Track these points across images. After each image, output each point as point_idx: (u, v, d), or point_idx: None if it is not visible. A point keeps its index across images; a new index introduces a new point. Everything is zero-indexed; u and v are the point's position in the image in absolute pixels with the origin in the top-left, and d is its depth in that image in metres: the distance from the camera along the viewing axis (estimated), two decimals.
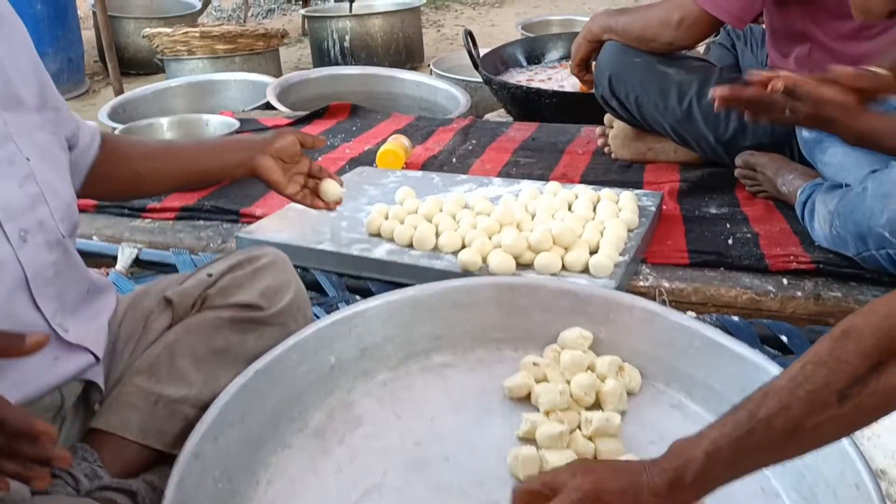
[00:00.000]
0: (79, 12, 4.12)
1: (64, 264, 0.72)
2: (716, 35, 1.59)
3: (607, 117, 1.71)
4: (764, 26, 1.58)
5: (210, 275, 0.89)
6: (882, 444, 0.84)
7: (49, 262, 0.70)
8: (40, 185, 0.69)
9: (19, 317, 0.66)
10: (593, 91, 1.66)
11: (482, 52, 2.54)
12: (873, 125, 1.02)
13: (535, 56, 2.66)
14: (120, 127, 1.69)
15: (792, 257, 1.17)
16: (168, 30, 3.34)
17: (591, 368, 0.93)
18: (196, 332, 0.84)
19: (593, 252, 1.15)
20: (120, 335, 0.83)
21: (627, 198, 1.29)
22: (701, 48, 2.02)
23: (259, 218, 1.36)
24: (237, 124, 1.60)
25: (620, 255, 1.14)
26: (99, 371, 0.77)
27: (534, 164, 1.71)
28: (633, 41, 1.52)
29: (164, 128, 1.64)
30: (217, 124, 1.63)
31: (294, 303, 0.91)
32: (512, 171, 1.67)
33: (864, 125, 1.02)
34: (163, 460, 0.77)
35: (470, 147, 1.85)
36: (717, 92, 1.06)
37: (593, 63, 1.62)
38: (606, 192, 1.32)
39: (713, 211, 1.40)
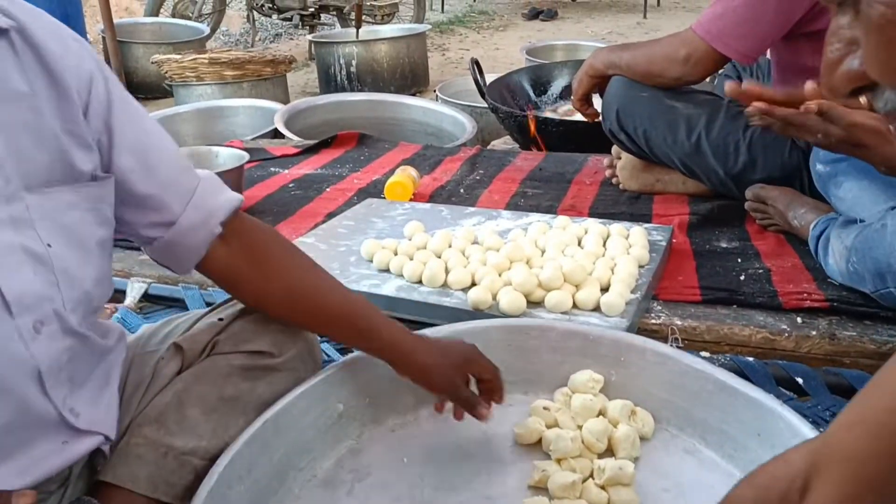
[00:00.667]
0: (88, 37, 4.17)
1: (79, 347, 0.69)
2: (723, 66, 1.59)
3: (615, 148, 1.71)
4: (769, 58, 1.58)
5: (221, 319, 0.88)
6: None
7: (63, 349, 0.66)
8: (57, 273, 0.64)
9: (29, 405, 0.63)
10: (598, 120, 1.66)
11: (488, 77, 2.55)
12: None
13: (541, 83, 2.67)
14: None
15: (805, 294, 1.16)
16: (177, 56, 3.37)
17: (602, 413, 0.92)
18: (206, 379, 0.82)
19: (604, 289, 1.13)
20: (128, 381, 0.82)
21: (638, 233, 1.28)
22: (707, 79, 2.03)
23: None
24: (247, 156, 1.60)
25: (632, 292, 1.13)
26: (107, 445, 0.75)
27: (541, 195, 1.70)
28: (638, 77, 1.52)
29: None
30: (227, 157, 1.63)
31: (305, 348, 0.90)
32: (520, 202, 1.66)
33: None
34: None
35: (477, 177, 1.85)
36: (755, 107, 1.07)
37: (594, 96, 1.62)
38: (616, 228, 1.31)
39: (724, 245, 1.38)
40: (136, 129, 0.72)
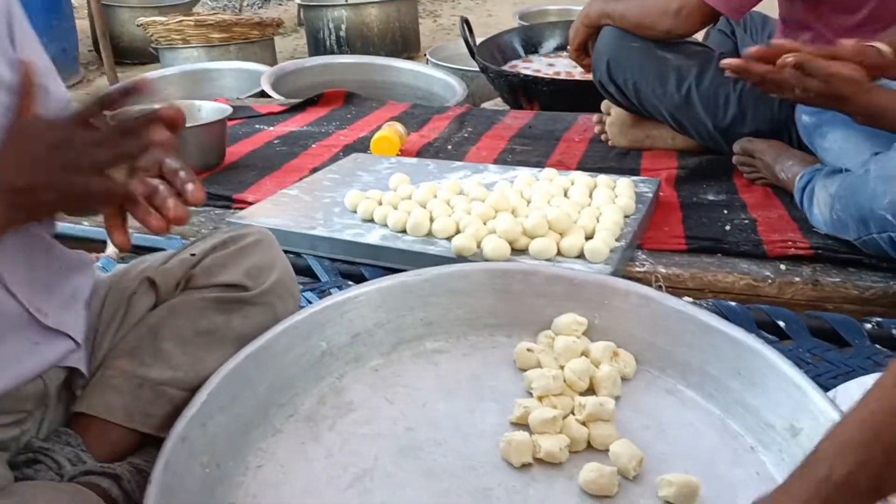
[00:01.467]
0: (73, 1, 4.10)
1: (27, 237, 0.69)
2: (715, 21, 1.57)
3: (604, 104, 1.69)
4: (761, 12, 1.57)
5: (193, 255, 0.88)
6: None
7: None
8: None
9: None
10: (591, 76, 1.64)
11: (479, 41, 2.52)
12: (885, 101, 1.01)
13: (532, 44, 2.64)
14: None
15: (790, 243, 1.16)
16: (163, 18, 3.31)
17: (585, 354, 0.92)
18: (180, 313, 0.82)
19: (589, 238, 1.13)
20: (102, 318, 0.81)
21: (624, 184, 1.28)
22: (700, 34, 2.01)
23: (251, 204, 1.34)
24: (230, 110, 1.58)
25: (616, 240, 1.13)
26: (81, 356, 0.75)
27: (530, 151, 1.69)
28: (630, 28, 1.50)
29: None
30: (210, 110, 1.61)
31: (280, 282, 0.90)
32: (508, 158, 1.65)
33: (876, 101, 1.01)
34: (148, 443, 0.76)
35: (465, 135, 1.83)
36: (728, 63, 1.06)
37: (591, 47, 1.60)
38: (603, 179, 1.31)
39: (711, 198, 1.38)
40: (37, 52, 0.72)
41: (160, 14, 3.82)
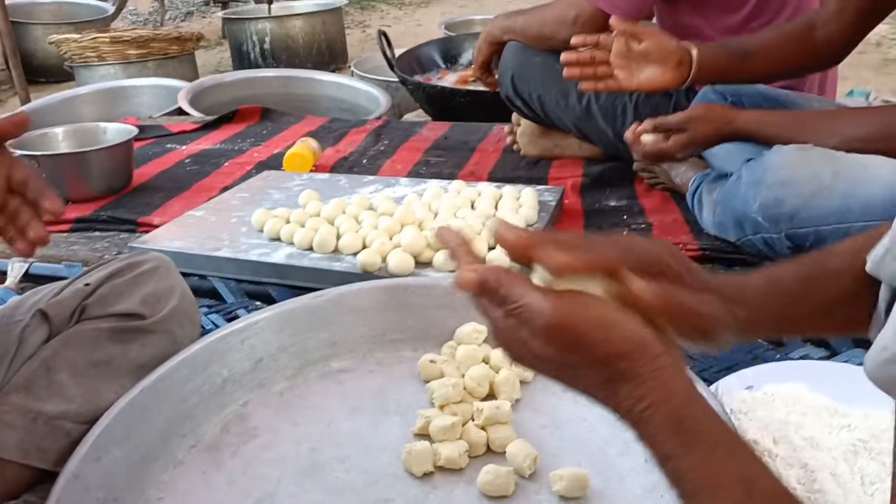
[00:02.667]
0: None
1: None
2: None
3: (514, 115, 1.74)
4: (655, 22, 1.63)
5: (88, 284, 0.87)
6: (758, 417, 0.89)
7: None
8: None
9: None
10: (499, 91, 1.68)
11: (404, 51, 2.54)
12: (748, 125, 1.14)
13: (451, 55, 2.67)
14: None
15: (681, 245, 1.22)
16: (76, 36, 3.23)
17: (486, 361, 0.95)
18: (74, 344, 0.81)
19: (492, 248, 1.16)
20: None
21: (528, 194, 1.31)
22: None
23: (157, 227, 1.33)
24: (135, 131, 1.56)
25: None
26: None
27: (444, 162, 1.72)
28: (532, 40, 1.55)
29: (60, 137, 1.58)
30: (115, 132, 1.58)
31: (179, 308, 0.90)
32: (422, 170, 1.68)
33: (740, 126, 1.14)
34: (46, 479, 0.75)
35: (382, 148, 1.85)
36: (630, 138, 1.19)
37: (495, 65, 1.64)
38: (508, 190, 1.34)
39: (612, 204, 1.44)
40: None
41: (75, 30, 3.71)
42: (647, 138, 1.16)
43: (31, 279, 1.25)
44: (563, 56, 1.25)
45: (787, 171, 1.04)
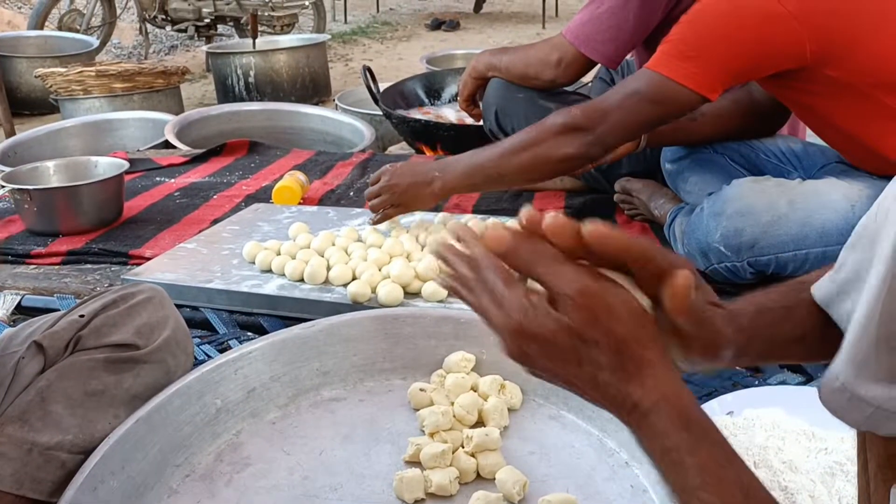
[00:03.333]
0: None
1: None
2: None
3: None
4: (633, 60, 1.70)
5: (82, 316, 0.88)
6: (738, 442, 0.92)
7: None
8: None
9: None
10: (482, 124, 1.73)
11: (387, 86, 2.59)
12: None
13: (434, 90, 2.73)
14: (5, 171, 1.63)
15: None
16: (62, 69, 3.25)
17: (474, 389, 0.97)
18: (69, 375, 0.82)
19: None
20: None
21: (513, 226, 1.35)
22: (590, 75, 2.14)
23: (149, 259, 1.34)
24: (126, 165, 1.58)
25: None
26: None
27: None
28: (516, 79, 1.60)
29: (51, 171, 1.60)
30: (106, 166, 1.60)
31: (172, 338, 0.91)
32: None
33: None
34: None
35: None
36: None
37: (479, 98, 1.69)
38: (493, 222, 1.38)
39: None
40: None
41: (60, 64, 3.73)
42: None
43: (23, 311, 1.25)
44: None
45: (745, 202, 1.10)
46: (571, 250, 0.45)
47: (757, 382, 1.02)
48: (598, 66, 1.59)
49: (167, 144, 2.43)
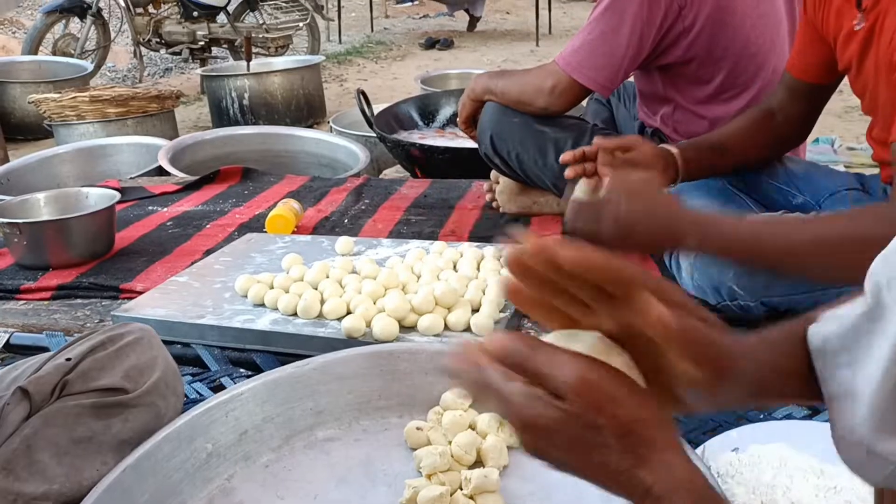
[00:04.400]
0: None
1: None
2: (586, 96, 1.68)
3: (493, 172, 1.77)
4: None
5: (69, 359, 0.86)
6: (745, 480, 0.89)
7: None
8: None
9: None
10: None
11: (383, 106, 2.59)
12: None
13: (429, 112, 2.72)
14: None
15: None
16: (55, 95, 3.24)
17: (472, 426, 0.95)
18: (55, 422, 0.80)
19: (476, 310, 1.17)
20: None
21: None
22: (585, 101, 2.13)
23: (140, 293, 1.32)
24: (118, 196, 1.56)
25: (501, 311, 1.18)
26: None
27: (424, 221, 1.74)
28: (510, 104, 1.59)
29: (42, 203, 1.58)
30: (97, 197, 1.58)
31: (162, 380, 0.89)
32: (403, 229, 1.69)
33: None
34: None
35: (363, 207, 1.87)
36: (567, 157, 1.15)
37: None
38: (490, 250, 1.36)
39: None
40: None
41: (54, 89, 3.73)
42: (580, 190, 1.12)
43: (11, 349, 1.23)
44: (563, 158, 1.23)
45: None
46: (554, 279, 0.44)
47: (762, 416, 1.00)
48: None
49: (161, 170, 2.41)
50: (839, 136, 3.14)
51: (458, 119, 1.76)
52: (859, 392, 0.44)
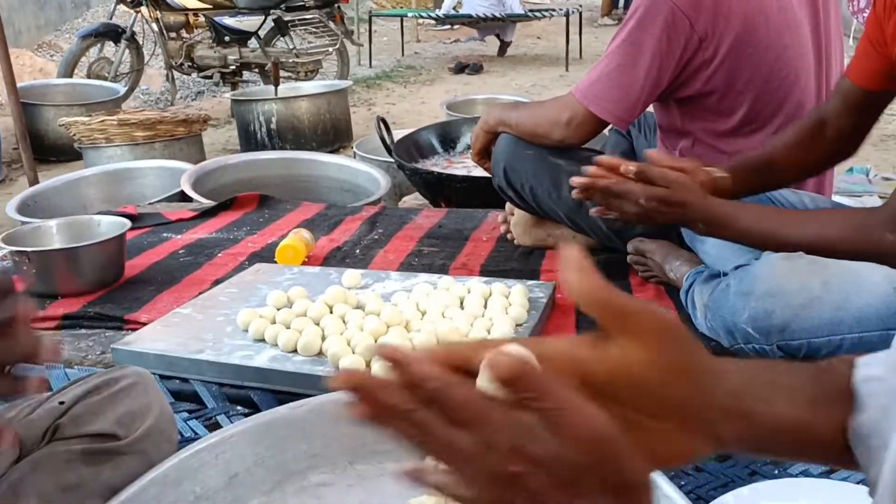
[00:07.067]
0: None
1: None
2: (603, 129, 1.65)
3: (508, 205, 1.74)
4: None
5: (62, 402, 0.85)
6: None
7: None
8: None
9: None
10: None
11: (407, 131, 2.58)
12: (724, 209, 1.06)
13: (450, 139, 2.71)
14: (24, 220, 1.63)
15: None
16: (85, 119, 3.31)
17: None
18: (44, 468, 0.78)
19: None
20: None
21: (518, 291, 1.29)
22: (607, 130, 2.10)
23: (144, 324, 1.31)
24: (128, 224, 1.56)
25: None
26: None
27: (437, 253, 1.72)
28: (525, 136, 1.56)
29: (53, 231, 1.59)
30: (109, 225, 1.58)
31: (155, 427, 0.87)
32: (414, 261, 1.67)
33: (715, 208, 1.06)
34: None
35: (376, 237, 1.85)
36: (574, 182, 1.11)
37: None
38: (497, 287, 1.32)
39: None
40: None
41: (86, 111, 3.81)
42: (630, 167, 1.10)
43: None
44: (574, 181, 1.20)
45: (776, 282, 1.02)
46: None
47: (777, 472, 0.94)
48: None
49: (183, 194, 2.43)
50: (874, 165, 3.05)
51: (471, 151, 1.74)
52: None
